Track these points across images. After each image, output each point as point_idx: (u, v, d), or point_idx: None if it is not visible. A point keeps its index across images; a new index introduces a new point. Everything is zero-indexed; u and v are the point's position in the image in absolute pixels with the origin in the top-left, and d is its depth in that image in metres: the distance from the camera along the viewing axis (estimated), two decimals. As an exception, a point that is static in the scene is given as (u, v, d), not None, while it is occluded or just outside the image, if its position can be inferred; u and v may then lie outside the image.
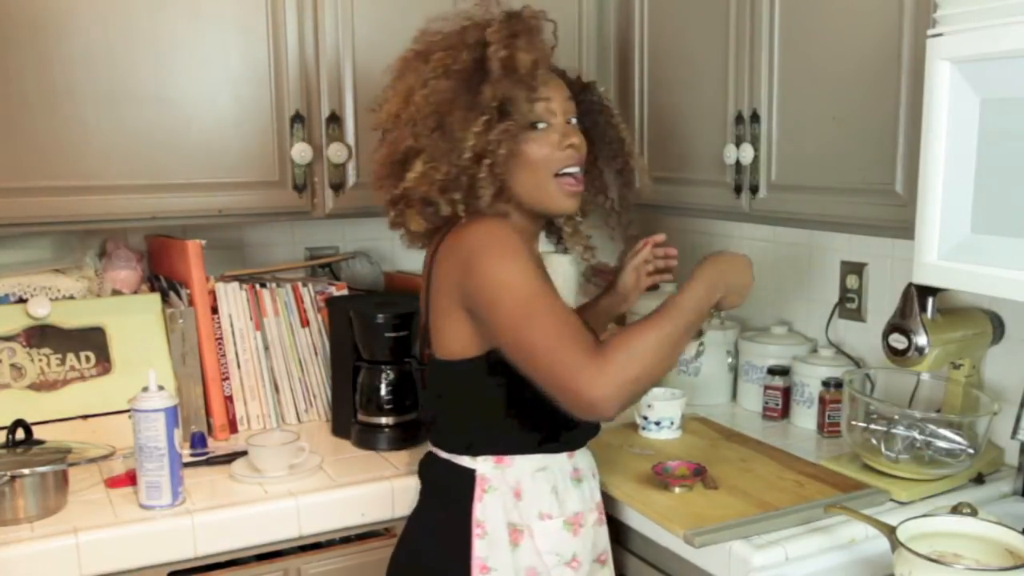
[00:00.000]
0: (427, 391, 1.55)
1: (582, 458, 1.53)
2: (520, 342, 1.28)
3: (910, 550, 1.23)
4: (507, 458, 1.44)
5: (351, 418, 1.92)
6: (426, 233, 1.48)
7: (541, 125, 1.42)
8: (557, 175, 1.43)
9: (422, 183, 1.39)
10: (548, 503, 1.45)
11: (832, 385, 1.92)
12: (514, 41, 1.37)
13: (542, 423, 1.43)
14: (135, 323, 1.93)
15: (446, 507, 1.46)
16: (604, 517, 1.56)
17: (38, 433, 1.69)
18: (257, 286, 2.03)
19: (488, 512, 1.42)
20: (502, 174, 1.39)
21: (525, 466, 1.44)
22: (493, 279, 1.31)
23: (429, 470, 1.53)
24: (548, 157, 1.42)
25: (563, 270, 1.54)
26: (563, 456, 1.49)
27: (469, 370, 1.41)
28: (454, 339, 1.41)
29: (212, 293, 1.96)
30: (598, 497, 1.55)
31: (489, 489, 1.43)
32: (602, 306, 1.76)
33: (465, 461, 1.45)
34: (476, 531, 1.42)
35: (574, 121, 1.47)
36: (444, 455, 1.48)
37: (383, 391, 1.87)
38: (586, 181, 1.51)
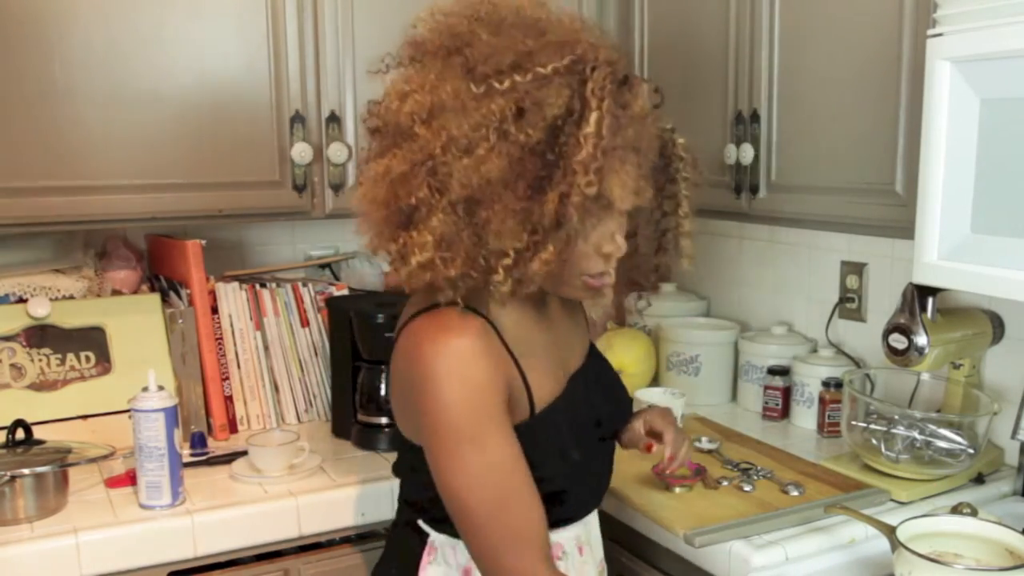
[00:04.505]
0: (397, 454, 1.35)
1: (573, 532, 1.28)
2: (466, 514, 1.10)
3: (910, 550, 1.23)
4: None
5: (351, 418, 1.92)
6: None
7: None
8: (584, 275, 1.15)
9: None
10: None
11: (832, 385, 1.92)
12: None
13: None
14: (135, 323, 1.93)
15: (397, 569, 1.31)
16: None
17: (38, 433, 1.69)
18: (257, 286, 2.04)
19: None
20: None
21: None
22: (440, 425, 1.08)
23: (393, 530, 1.38)
24: (588, 255, 1.12)
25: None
26: None
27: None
28: (416, 431, 1.18)
29: (212, 293, 1.96)
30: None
31: (435, 561, 1.25)
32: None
33: (423, 524, 1.27)
34: None
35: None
36: (407, 515, 1.31)
37: (383, 391, 1.87)
38: (618, 271, 1.19)
